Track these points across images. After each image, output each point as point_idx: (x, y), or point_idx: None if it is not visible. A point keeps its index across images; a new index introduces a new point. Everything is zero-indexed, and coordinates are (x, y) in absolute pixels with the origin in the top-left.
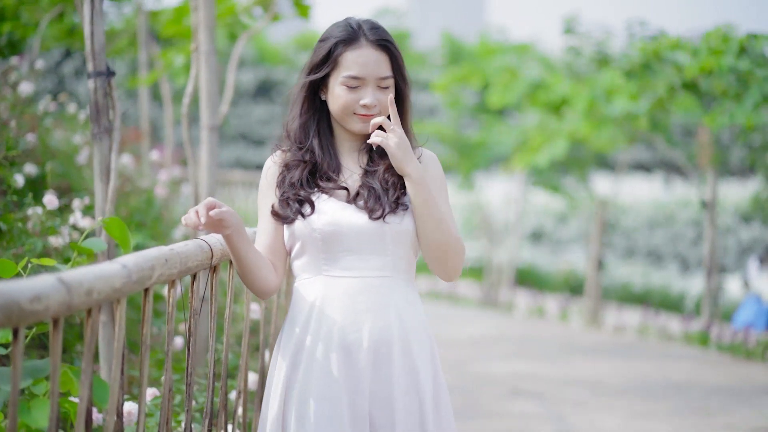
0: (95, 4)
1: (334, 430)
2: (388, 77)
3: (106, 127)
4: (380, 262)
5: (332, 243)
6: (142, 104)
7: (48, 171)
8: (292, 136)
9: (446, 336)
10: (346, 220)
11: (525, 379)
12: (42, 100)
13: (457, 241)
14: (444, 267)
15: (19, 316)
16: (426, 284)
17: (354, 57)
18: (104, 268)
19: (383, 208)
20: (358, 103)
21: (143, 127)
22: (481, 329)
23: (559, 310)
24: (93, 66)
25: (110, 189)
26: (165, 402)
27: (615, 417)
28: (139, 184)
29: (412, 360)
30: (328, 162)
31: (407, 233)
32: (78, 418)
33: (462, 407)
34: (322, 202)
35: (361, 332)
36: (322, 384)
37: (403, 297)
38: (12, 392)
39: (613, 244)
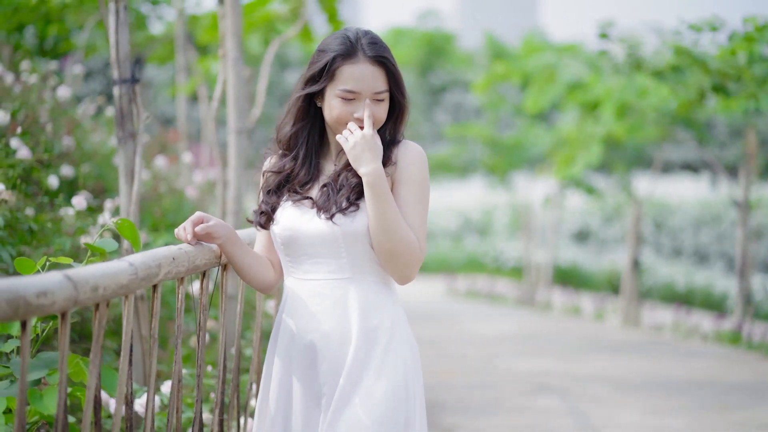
0: (120, 15)
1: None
2: (383, 91)
3: (131, 132)
4: (336, 264)
5: (291, 248)
6: (180, 106)
7: (82, 173)
8: (282, 141)
9: (477, 333)
10: (302, 226)
11: (550, 376)
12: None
13: (407, 246)
14: (392, 270)
15: (26, 310)
16: (464, 283)
17: (351, 72)
18: (111, 265)
19: (332, 207)
20: (352, 115)
21: (181, 129)
22: (513, 327)
23: (595, 309)
24: (118, 73)
25: (134, 191)
26: (174, 392)
27: (634, 412)
28: (174, 185)
29: (362, 358)
30: (306, 172)
31: (360, 234)
32: (86, 404)
33: (485, 402)
34: (286, 209)
35: (317, 333)
36: (281, 379)
37: (363, 297)
38: (21, 380)
39: (660, 243)
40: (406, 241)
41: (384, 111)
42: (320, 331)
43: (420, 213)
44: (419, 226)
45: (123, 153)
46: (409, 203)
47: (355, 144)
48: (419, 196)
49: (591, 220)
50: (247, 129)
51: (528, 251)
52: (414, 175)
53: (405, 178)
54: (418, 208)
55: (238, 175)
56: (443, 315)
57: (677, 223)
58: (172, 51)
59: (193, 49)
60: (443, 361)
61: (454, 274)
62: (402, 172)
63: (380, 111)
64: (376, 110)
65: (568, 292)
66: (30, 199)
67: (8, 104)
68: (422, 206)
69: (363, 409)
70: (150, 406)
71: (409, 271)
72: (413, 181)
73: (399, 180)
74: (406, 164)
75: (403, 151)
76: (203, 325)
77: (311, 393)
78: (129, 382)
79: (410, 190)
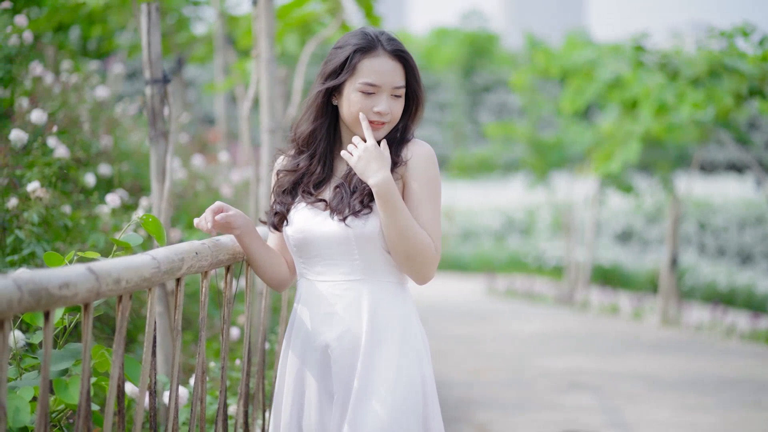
0: (152, 17)
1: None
2: (401, 87)
3: (162, 131)
4: (349, 266)
5: (304, 249)
6: (219, 106)
7: (118, 171)
8: (299, 139)
9: (514, 331)
10: (314, 228)
11: (583, 374)
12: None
13: (422, 247)
14: (410, 272)
15: (48, 301)
16: (504, 283)
17: (372, 65)
18: (134, 259)
19: (345, 210)
20: (372, 110)
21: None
22: (550, 326)
23: (633, 308)
24: (150, 73)
25: (165, 189)
26: (197, 383)
27: (666, 409)
28: (212, 183)
29: (374, 357)
30: (319, 173)
31: (373, 236)
32: (109, 393)
33: (518, 399)
34: (299, 210)
35: (331, 333)
36: (296, 377)
37: (375, 298)
38: (43, 369)
39: (704, 243)
40: (421, 243)
41: (400, 107)
42: (333, 332)
43: (432, 212)
44: (432, 225)
45: (155, 152)
46: (421, 203)
47: (360, 157)
48: (430, 196)
49: (634, 220)
50: (282, 128)
51: (568, 251)
52: (424, 174)
53: (416, 178)
54: (429, 208)
55: (270, 173)
56: (481, 314)
57: (721, 223)
58: (213, 51)
59: (231, 50)
60: (479, 358)
61: (496, 274)
62: (413, 171)
63: (397, 107)
64: (393, 106)
65: (607, 292)
66: (66, 197)
67: (48, 104)
68: (434, 205)
69: (382, 407)
70: (173, 396)
71: (426, 272)
72: (424, 181)
73: (410, 180)
74: (417, 164)
75: (414, 151)
76: (227, 318)
77: (325, 390)
78: (152, 373)
79: (421, 190)
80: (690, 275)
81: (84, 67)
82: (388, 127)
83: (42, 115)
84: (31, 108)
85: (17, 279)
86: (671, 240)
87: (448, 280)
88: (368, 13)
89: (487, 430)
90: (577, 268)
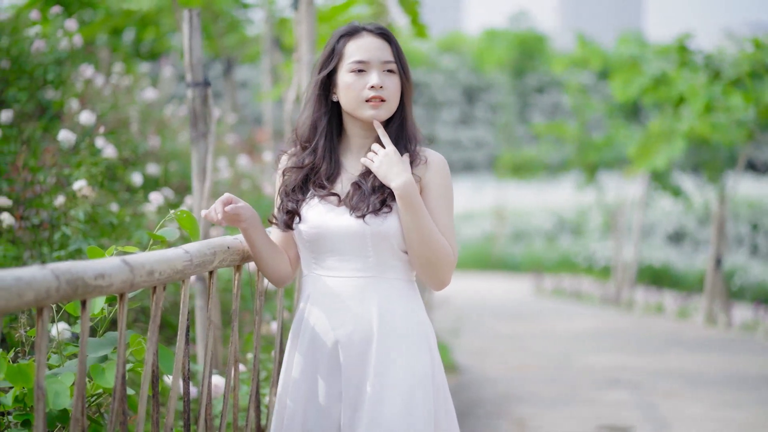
0: (193, 22)
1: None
2: (390, 62)
3: (203, 132)
4: (362, 263)
5: (316, 244)
6: (267, 107)
7: (165, 171)
8: (301, 135)
9: (558, 330)
10: (329, 223)
11: (624, 371)
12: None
13: (442, 253)
14: (429, 276)
15: (84, 290)
16: (552, 282)
17: (357, 44)
18: (167, 252)
19: (366, 207)
20: (367, 86)
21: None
22: (594, 324)
23: (678, 307)
24: (191, 77)
25: (206, 188)
26: (229, 372)
27: (702, 405)
28: (258, 182)
29: (392, 356)
30: (327, 166)
31: (389, 234)
32: (143, 378)
33: (558, 395)
34: (312, 206)
35: (341, 330)
36: (303, 374)
37: (386, 298)
38: (80, 353)
39: (756, 244)
40: (442, 248)
41: (395, 84)
42: (344, 328)
43: (448, 219)
44: (449, 231)
45: (196, 152)
46: (438, 209)
47: (381, 162)
48: (446, 203)
49: (686, 221)
50: None
51: (616, 251)
52: (441, 182)
53: (433, 186)
54: (446, 214)
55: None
56: (527, 313)
57: None
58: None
59: (279, 52)
60: (521, 355)
61: (546, 274)
62: (429, 179)
63: (390, 82)
64: (386, 81)
65: (654, 292)
66: (113, 195)
67: (99, 105)
68: (449, 212)
69: (397, 405)
70: (206, 382)
71: (444, 277)
72: (440, 188)
73: (427, 187)
74: (433, 172)
75: (427, 162)
76: (259, 310)
77: (333, 388)
78: (186, 360)
79: (438, 197)
80: (740, 275)
81: (135, 70)
82: (387, 106)
83: (91, 117)
84: (81, 109)
85: (55, 269)
86: (716, 240)
87: (497, 279)
88: (414, 20)
89: (525, 424)
90: (624, 268)
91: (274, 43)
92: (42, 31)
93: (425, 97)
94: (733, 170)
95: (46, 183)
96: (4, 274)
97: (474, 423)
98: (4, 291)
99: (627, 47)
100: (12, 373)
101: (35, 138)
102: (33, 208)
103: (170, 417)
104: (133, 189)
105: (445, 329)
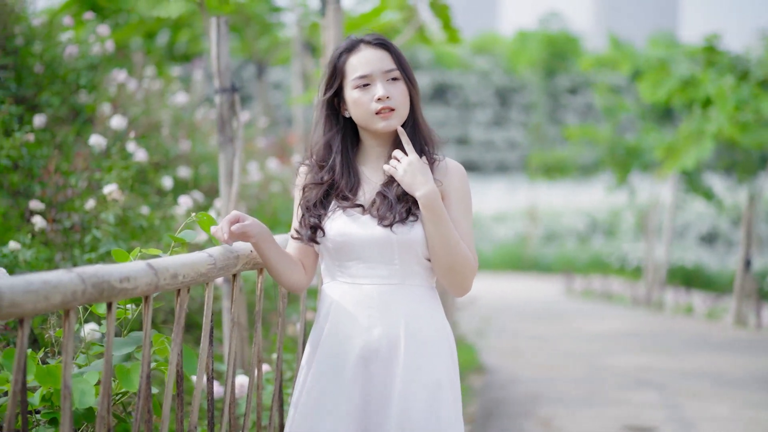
0: (221, 29)
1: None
2: (392, 69)
3: (230, 137)
4: (388, 270)
5: (342, 252)
6: (297, 109)
7: (196, 174)
8: (315, 155)
9: (587, 331)
10: (356, 232)
11: (651, 371)
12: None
13: (465, 260)
14: (450, 283)
15: (110, 293)
16: (582, 283)
17: (357, 59)
18: (191, 256)
19: (393, 217)
20: (374, 99)
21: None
22: (623, 325)
23: (707, 308)
24: (219, 83)
25: (233, 191)
26: (253, 372)
27: (727, 406)
28: (288, 185)
29: (419, 360)
30: (347, 180)
31: (415, 243)
32: (168, 377)
33: (584, 395)
34: (336, 218)
35: (368, 335)
36: (328, 379)
37: (411, 303)
38: (106, 353)
39: None
40: (464, 255)
41: (401, 92)
42: (370, 333)
43: (468, 224)
44: (469, 237)
45: (223, 156)
46: (458, 216)
47: (405, 172)
48: (466, 211)
49: (719, 222)
50: None
51: (647, 252)
52: (461, 190)
53: (453, 194)
54: (465, 220)
55: None
56: (557, 313)
57: None
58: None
59: (310, 56)
60: (549, 356)
61: (577, 275)
62: (450, 187)
63: (397, 92)
64: (391, 90)
65: (684, 293)
66: (144, 199)
67: (130, 109)
68: (469, 219)
69: (425, 408)
70: (229, 381)
71: (466, 283)
72: (460, 196)
73: (447, 195)
74: (454, 180)
75: (446, 170)
76: (282, 311)
77: (355, 392)
78: (209, 360)
79: (459, 205)
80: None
81: (167, 73)
82: (397, 114)
83: (122, 121)
84: (113, 114)
85: (81, 273)
86: (745, 241)
87: (528, 280)
88: (445, 25)
89: (550, 424)
90: (655, 269)
91: (305, 46)
92: (75, 36)
93: (459, 99)
94: (765, 171)
95: (77, 187)
96: (32, 277)
97: (499, 423)
98: (32, 294)
99: (656, 49)
100: (41, 374)
101: (68, 142)
102: (65, 211)
103: (194, 415)
104: (164, 192)
105: (472, 330)
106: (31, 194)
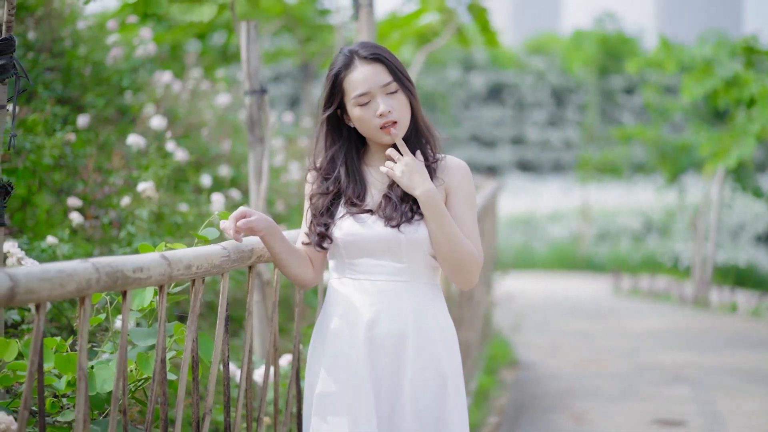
0: (251, 34)
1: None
2: (389, 82)
3: (259, 137)
4: (395, 268)
5: (352, 249)
6: None
7: (236, 173)
8: (320, 166)
9: (628, 328)
10: (365, 231)
11: (687, 368)
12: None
13: (468, 255)
14: (456, 278)
15: (124, 282)
16: (628, 283)
17: (353, 78)
18: (206, 248)
19: (399, 217)
20: (375, 115)
21: None
22: (665, 323)
23: (751, 306)
24: (249, 85)
25: (262, 189)
26: (268, 362)
27: (760, 402)
28: None
29: (427, 353)
30: (353, 188)
31: (422, 241)
32: (182, 364)
33: (618, 390)
34: (344, 220)
35: (379, 329)
36: (344, 366)
37: (419, 299)
38: (121, 338)
39: None
40: (467, 250)
41: (402, 104)
42: (379, 328)
43: (472, 221)
44: (474, 234)
45: (252, 156)
46: (462, 213)
47: (403, 172)
48: (470, 207)
49: None
50: None
51: (697, 251)
52: (464, 187)
53: (457, 191)
54: (469, 217)
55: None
56: (601, 311)
57: None
58: None
59: None
60: (588, 351)
61: (624, 273)
62: (453, 185)
63: (396, 103)
64: (391, 103)
65: (732, 291)
66: (181, 196)
67: (172, 110)
68: (473, 215)
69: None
70: (244, 369)
71: (472, 277)
72: (464, 193)
73: (451, 192)
74: (456, 178)
75: (448, 167)
76: (299, 302)
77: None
78: (225, 347)
79: (462, 202)
80: None
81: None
82: (400, 125)
83: (162, 121)
84: (155, 114)
85: (96, 263)
86: None
87: (579, 279)
88: (483, 28)
89: (583, 417)
90: (703, 268)
91: None
92: (123, 39)
93: (514, 98)
94: None
95: (114, 184)
96: (48, 266)
97: (532, 416)
98: (48, 282)
99: (702, 48)
100: (61, 361)
101: (110, 142)
102: (103, 207)
103: (209, 399)
104: (201, 190)
105: (509, 325)
106: (73, 192)
